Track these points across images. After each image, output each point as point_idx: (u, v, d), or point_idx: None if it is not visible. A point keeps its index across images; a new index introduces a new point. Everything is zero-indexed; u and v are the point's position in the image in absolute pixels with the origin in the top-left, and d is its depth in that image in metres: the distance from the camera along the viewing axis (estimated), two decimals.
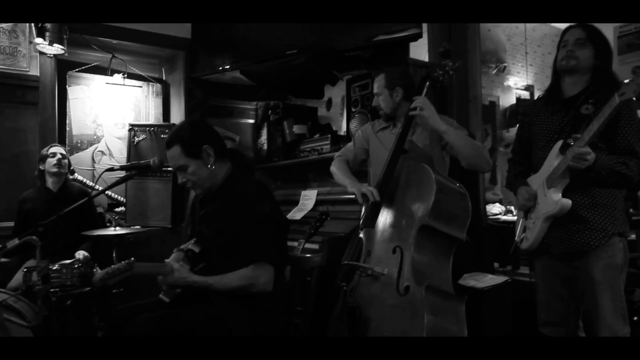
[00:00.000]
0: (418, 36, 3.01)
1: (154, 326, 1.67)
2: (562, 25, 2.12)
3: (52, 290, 2.38)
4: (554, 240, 1.99)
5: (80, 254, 2.95)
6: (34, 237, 1.79)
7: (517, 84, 6.24)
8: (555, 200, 1.90)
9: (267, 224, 1.85)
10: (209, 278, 1.81)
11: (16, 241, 1.81)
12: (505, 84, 6.14)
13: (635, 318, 2.33)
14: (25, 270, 2.50)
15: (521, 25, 6.31)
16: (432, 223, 1.89)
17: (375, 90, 2.44)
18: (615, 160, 1.83)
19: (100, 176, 2.84)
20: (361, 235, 2.17)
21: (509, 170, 2.30)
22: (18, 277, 2.77)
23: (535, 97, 6.10)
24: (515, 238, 2.16)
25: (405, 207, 2.00)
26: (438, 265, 1.93)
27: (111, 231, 2.76)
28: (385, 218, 2.07)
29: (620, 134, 1.87)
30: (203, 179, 1.91)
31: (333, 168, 2.54)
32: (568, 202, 1.88)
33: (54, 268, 2.50)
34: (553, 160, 1.93)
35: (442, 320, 1.78)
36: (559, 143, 1.92)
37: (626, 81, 1.70)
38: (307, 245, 2.62)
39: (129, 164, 3.48)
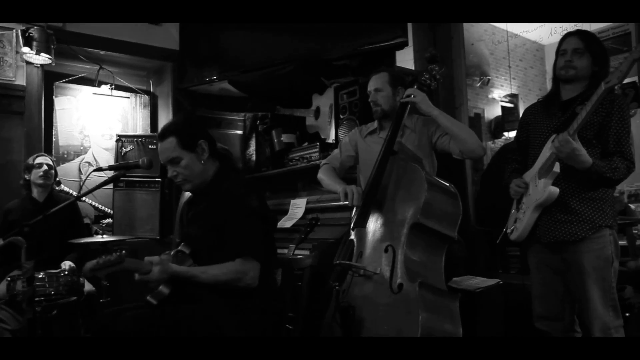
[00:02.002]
0: (404, 44, 3.06)
1: (142, 324, 1.62)
2: (542, 38, 2.18)
3: (37, 299, 2.32)
4: (543, 231, 2.03)
5: (67, 264, 2.88)
6: (19, 237, 1.75)
7: (501, 95, 6.35)
8: (543, 188, 1.95)
9: (254, 218, 1.82)
10: (191, 269, 1.75)
11: (0, 241, 1.76)
12: (490, 96, 6.24)
13: (628, 314, 2.35)
14: (8, 279, 2.44)
15: (503, 40, 6.44)
16: (423, 221, 1.89)
17: (375, 86, 2.40)
18: (608, 167, 1.88)
19: (87, 177, 2.80)
20: (352, 236, 2.16)
21: (505, 167, 2.35)
22: (2, 288, 2.70)
23: (521, 106, 6.22)
24: (506, 229, 2.19)
25: (397, 206, 2.00)
26: (430, 263, 1.93)
27: (98, 238, 2.72)
28: (376, 218, 2.06)
29: (612, 134, 1.94)
30: (195, 174, 1.89)
31: (320, 175, 2.54)
32: (555, 189, 1.93)
33: (39, 276, 2.44)
34: (546, 153, 1.98)
35: (436, 317, 1.76)
36: (553, 137, 1.96)
37: (611, 70, 1.75)
38: (298, 251, 2.60)
39: (117, 164, 3.44)
